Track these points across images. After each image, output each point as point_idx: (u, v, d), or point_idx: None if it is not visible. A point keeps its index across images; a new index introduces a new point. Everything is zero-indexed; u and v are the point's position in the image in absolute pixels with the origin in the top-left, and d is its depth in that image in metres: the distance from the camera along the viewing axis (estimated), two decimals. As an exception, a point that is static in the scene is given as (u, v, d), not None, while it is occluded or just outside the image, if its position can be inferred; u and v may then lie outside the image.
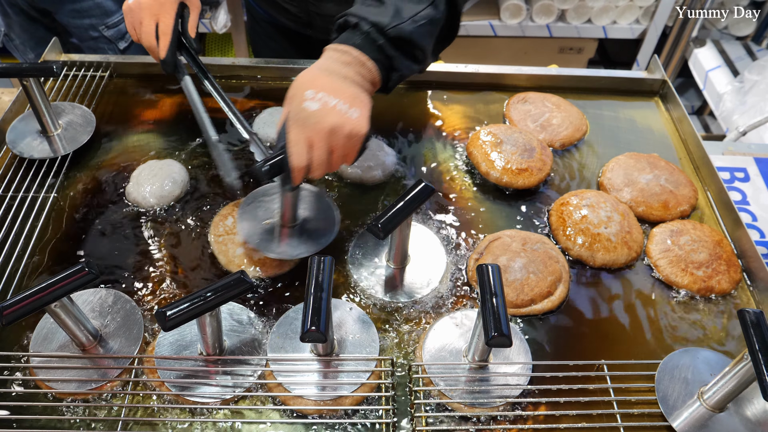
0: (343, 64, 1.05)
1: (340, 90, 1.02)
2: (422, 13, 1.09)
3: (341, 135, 1.00)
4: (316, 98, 1.00)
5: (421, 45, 1.10)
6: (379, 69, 1.07)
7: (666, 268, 1.21)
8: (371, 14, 1.07)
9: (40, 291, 0.91)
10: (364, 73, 1.06)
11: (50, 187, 1.31)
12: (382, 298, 1.15)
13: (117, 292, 1.13)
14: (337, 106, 1.00)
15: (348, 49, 1.05)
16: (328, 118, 0.99)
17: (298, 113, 1.01)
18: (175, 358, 1.04)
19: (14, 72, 1.27)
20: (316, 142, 1.00)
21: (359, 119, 1.02)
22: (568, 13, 3.13)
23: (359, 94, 1.04)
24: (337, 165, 1.05)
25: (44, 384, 1.01)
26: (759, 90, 2.53)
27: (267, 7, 1.72)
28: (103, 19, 1.97)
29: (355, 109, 1.01)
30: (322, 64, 1.05)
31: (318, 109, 0.99)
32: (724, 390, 0.96)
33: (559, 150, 1.48)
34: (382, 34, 1.06)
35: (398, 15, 1.07)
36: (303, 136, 1.00)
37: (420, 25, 1.08)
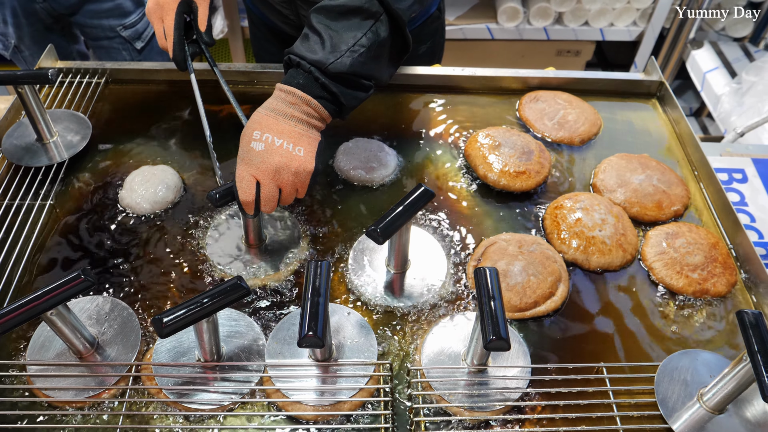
0: (288, 105, 1.10)
1: (285, 131, 1.09)
2: (361, 41, 1.10)
3: (288, 173, 1.08)
4: (262, 139, 1.08)
5: (365, 73, 1.13)
6: (326, 105, 1.11)
7: (661, 271, 1.21)
8: (310, 53, 1.10)
9: (35, 299, 0.90)
10: (310, 112, 1.11)
11: (46, 195, 1.31)
12: (382, 302, 1.15)
13: (114, 299, 1.12)
14: (283, 146, 1.08)
15: (292, 89, 1.09)
16: (274, 158, 1.07)
17: (245, 153, 1.08)
18: (173, 365, 1.03)
19: (9, 79, 1.27)
20: (262, 180, 1.08)
21: (305, 157, 1.10)
22: (565, 15, 3.13)
23: (305, 132, 1.11)
24: (290, 199, 1.13)
25: (41, 392, 1.00)
26: (757, 91, 2.52)
27: (263, 9, 1.72)
28: (121, 20, 1.99)
29: (300, 148, 1.09)
30: (270, 104, 1.11)
31: (263, 150, 1.07)
32: (723, 391, 0.95)
33: (579, 146, 1.49)
34: (323, 72, 1.09)
35: (335, 49, 1.09)
36: (248, 173, 1.08)
37: (360, 54, 1.10)
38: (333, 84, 1.10)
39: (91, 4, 1.92)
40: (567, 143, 1.49)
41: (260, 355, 1.06)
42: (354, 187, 1.37)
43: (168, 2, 1.33)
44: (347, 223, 1.29)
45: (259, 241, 1.23)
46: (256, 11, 1.78)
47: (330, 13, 1.12)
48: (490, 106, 1.59)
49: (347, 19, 1.11)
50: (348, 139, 1.44)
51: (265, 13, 1.73)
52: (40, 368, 1.03)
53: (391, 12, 1.12)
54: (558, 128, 1.50)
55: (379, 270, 1.20)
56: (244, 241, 1.24)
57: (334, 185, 1.37)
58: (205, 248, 1.23)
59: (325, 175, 1.39)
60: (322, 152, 1.14)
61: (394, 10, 1.12)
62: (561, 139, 1.48)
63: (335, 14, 1.11)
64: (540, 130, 1.50)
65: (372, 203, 1.34)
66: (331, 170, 1.40)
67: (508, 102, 1.60)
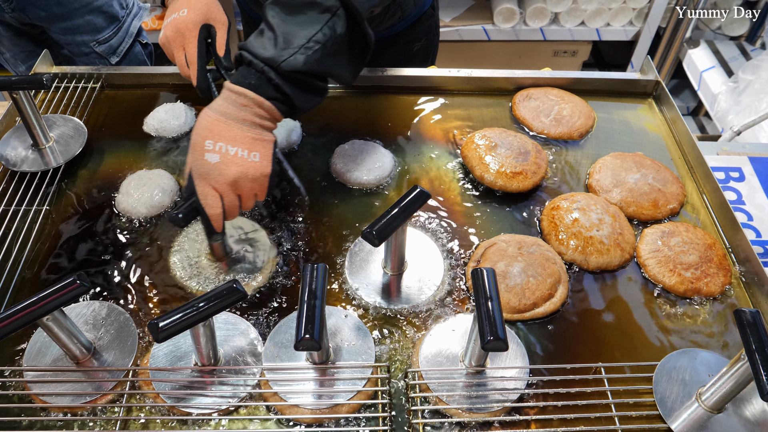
0: (239, 107, 1.06)
1: (238, 137, 1.05)
2: (316, 37, 1.05)
3: (246, 181, 1.06)
4: (216, 149, 1.04)
5: (321, 71, 1.09)
6: (279, 106, 1.08)
7: (654, 268, 1.21)
8: (262, 49, 1.05)
9: (31, 305, 0.90)
10: (263, 114, 1.07)
11: (42, 200, 1.31)
12: (378, 304, 1.15)
13: (110, 304, 1.12)
14: (238, 154, 1.05)
15: (244, 91, 1.05)
16: (231, 169, 1.04)
17: (200, 167, 1.05)
18: (170, 370, 1.03)
19: (4, 85, 1.26)
20: (223, 192, 1.06)
21: (261, 161, 1.07)
22: (561, 16, 3.14)
23: (259, 135, 1.07)
24: (250, 205, 1.11)
25: (38, 398, 1.00)
26: (753, 89, 2.53)
27: (258, 11, 1.73)
28: (94, 36, 1.96)
29: (255, 153, 1.06)
30: (219, 107, 1.07)
31: (219, 162, 1.04)
32: (722, 391, 0.95)
33: (577, 141, 1.49)
34: (276, 71, 1.05)
35: (288, 45, 1.04)
36: (210, 189, 1.05)
37: (314, 51, 1.05)
38: (287, 85, 1.06)
39: (62, 22, 1.91)
40: (566, 138, 1.49)
41: (257, 358, 1.05)
42: (350, 189, 1.37)
43: (189, 29, 1.28)
44: (344, 225, 1.29)
45: (225, 254, 1.21)
46: (251, 13, 1.79)
47: (285, 7, 1.07)
48: (487, 107, 1.59)
49: (302, 13, 1.06)
50: (344, 141, 1.44)
51: (259, 14, 1.73)
52: (37, 374, 1.02)
53: (349, 6, 1.07)
54: (556, 124, 1.50)
55: (376, 272, 1.20)
56: (208, 256, 1.21)
57: (331, 187, 1.37)
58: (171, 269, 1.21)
59: (322, 178, 1.39)
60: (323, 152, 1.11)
61: (351, 4, 1.06)
62: (560, 135, 1.48)
63: (289, 8, 1.07)
64: (538, 128, 1.50)
65: (369, 205, 1.33)
66: (328, 172, 1.40)
67: (504, 103, 1.60)
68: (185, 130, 1.47)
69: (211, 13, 1.30)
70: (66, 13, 1.87)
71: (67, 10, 1.87)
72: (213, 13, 1.31)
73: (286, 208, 1.31)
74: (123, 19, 1.99)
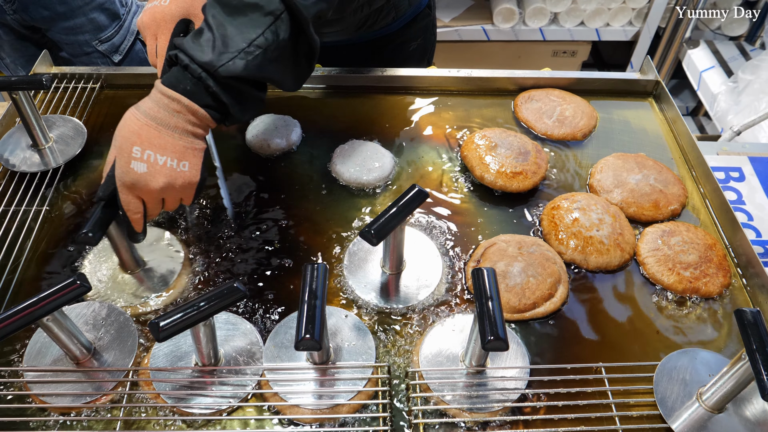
0: (172, 113, 1.01)
1: (168, 145, 1.01)
2: (257, 41, 0.99)
3: (173, 190, 1.04)
4: (143, 158, 0.99)
5: (261, 76, 1.04)
6: (213, 114, 1.03)
7: (653, 267, 1.21)
8: (199, 52, 0.99)
9: (31, 305, 0.90)
10: (196, 121, 1.03)
11: (42, 201, 1.31)
12: (378, 304, 1.14)
13: (110, 304, 1.12)
14: (167, 164, 1.01)
15: (178, 96, 1.00)
16: (158, 179, 1.01)
17: (125, 174, 1.00)
18: (170, 370, 1.03)
19: (3, 85, 1.26)
20: (148, 200, 1.03)
21: (190, 170, 1.04)
22: (560, 16, 3.14)
23: (190, 144, 1.04)
24: (174, 207, 1.09)
25: (39, 399, 1.00)
26: (753, 89, 2.53)
27: None
28: (96, 35, 1.96)
29: (184, 163, 1.03)
30: (150, 110, 1.01)
31: (146, 172, 1.00)
32: (722, 390, 0.95)
33: (581, 141, 1.49)
34: (213, 77, 0.99)
35: (227, 49, 0.98)
36: (133, 197, 1.03)
37: (255, 56, 1.00)
38: (224, 94, 1.01)
39: (64, 21, 1.90)
40: (570, 139, 1.49)
41: (258, 358, 1.05)
42: (350, 189, 1.37)
43: (165, 20, 1.22)
44: (344, 225, 1.29)
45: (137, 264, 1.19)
46: None
47: (225, 7, 1.00)
48: (486, 107, 1.58)
49: (243, 14, 1.00)
50: (344, 141, 1.44)
51: None
52: (37, 375, 1.02)
53: (293, 10, 1.01)
54: (559, 125, 1.50)
55: (375, 272, 1.19)
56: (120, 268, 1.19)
57: (331, 188, 1.37)
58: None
59: (322, 178, 1.39)
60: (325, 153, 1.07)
61: (296, 7, 1.01)
62: (564, 136, 1.48)
63: (230, 8, 1.00)
64: (541, 129, 1.50)
65: (368, 205, 1.33)
66: (328, 173, 1.40)
67: (504, 103, 1.60)
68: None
69: (193, 9, 1.23)
70: (69, 12, 1.87)
71: (70, 8, 1.87)
72: (195, 9, 1.24)
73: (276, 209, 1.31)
74: (124, 17, 1.99)
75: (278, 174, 1.39)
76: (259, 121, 1.47)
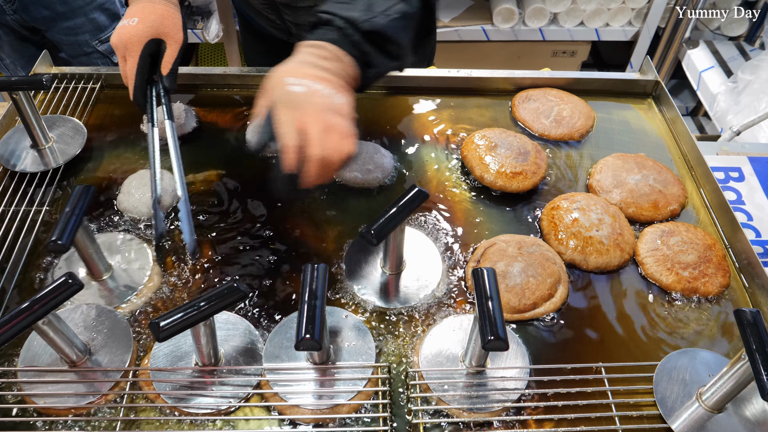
0: (320, 58, 1.04)
1: (322, 77, 1.02)
2: (395, 8, 1.08)
3: (332, 114, 1.00)
4: (301, 83, 1.01)
5: (396, 39, 1.10)
6: (356, 65, 1.07)
7: (651, 266, 1.21)
8: (343, 10, 1.06)
9: (26, 309, 0.89)
10: (343, 68, 1.06)
11: (42, 201, 1.31)
12: (378, 304, 1.15)
13: (98, 305, 1.12)
14: (322, 91, 1.01)
15: (324, 44, 1.04)
16: (316, 98, 1.00)
17: (284, 97, 1.00)
18: (170, 370, 1.03)
19: (3, 85, 1.26)
20: (308, 120, 0.98)
21: (346, 103, 1.03)
22: (560, 16, 3.13)
23: (342, 84, 1.05)
24: (336, 149, 1.00)
25: (33, 401, 1.00)
26: (753, 89, 2.53)
27: (252, 14, 1.73)
28: (96, 35, 1.96)
29: (339, 95, 1.03)
30: (299, 59, 1.05)
31: (305, 92, 1.00)
32: (722, 390, 0.95)
33: (578, 141, 1.49)
34: (356, 29, 1.05)
35: (370, 9, 1.06)
36: (292, 117, 0.99)
37: (393, 18, 1.08)
38: (365, 43, 1.06)
39: (64, 21, 1.90)
40: (567, 139, 1.49)
41: (258, 358, 1.05)
42: (350, 189, 1.37)
43: (132, 42, 1.23)
44: (344, 225, 1.29)
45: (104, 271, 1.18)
46: (246, 16, 1.79)
47: None
48: (486, 107, 1.59)
49: None
50: (344, 141, 1.44)
51: (253, 17, 1.74)
52: (35, 380, 1.01)
53: None
54: (556, 125, 1.50)
55: (375, 272, 1.20)
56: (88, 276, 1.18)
57: (331, 187, 1.37)
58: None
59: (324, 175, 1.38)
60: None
61: None
62: (561, 136, 1.48)
63: None
64: (538, 129, 1.50)
65: (368, 205, 1.33)
66: (328, 173, 1.40)
67: (503, 103, 1.60)
68: (185, 131, 1.47)
69: (164, 28, 1.25)
70: (69, 12, 1.88)
71: (70, 8, 1.87)
72: (166, 28, 1.25)
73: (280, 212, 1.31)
74: None
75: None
76: (259, 121, 1.47)
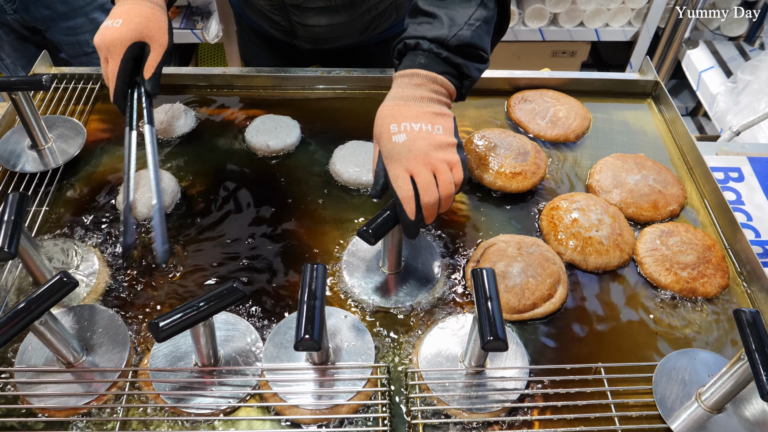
0: (415, 87, 1.07)
1: (419, 114, 1.05)
2: (475, 15, 1.10)
3: (436, 153, 1.03)
4: (401, 129, 1.03)
5: (482, 46, 1.12)
6: (451, 80, 1.09)
7: (650, 266, 1.21)
8: (428, 31, 1.08)
9: (23, 310, 0.89)
10: (438, 89, 1.08)
11: (41, 201, 1.31)
12: (377, 304, 1.14)
13: (92, 305, 1.12)
14: (422, 129, 1.03)
15: (415, 71, 1.07)
16: (419, 143, 1.02)
17: (390, 150, 1.03)
18: (170, 370, 1.03)
19: (3, 86, 1.26)
20: (415, 169, 1.02)
21: (445, 133, 1.05)
22: (560, 16, 3.13)
23: (438, 110, 1.07)
24: (448, 185, 1.03)
25: (29, 401, 1.00)
26: (752, 90, 2.53)
27: (254, 17, 1.72)
28: None
29: (438, 126, 1.05)
30: (395, 94, 1.08)
31: (407, 140, 1.02)
32: (721, 391, 0.95)
33: (574, 142, 1.49)
34: (444, 46, 1.08)
35: (454, 24, 1.08)
36: (401, 170, 1.02)
37: (476, 27, 1.10)
38: (455, 57, 1.09)
39: (65, 21, 1.90)
40: (563, 140, 1.49)
41: (257, 359, 1.05)
42: (350, 190, 1.37)
43: (115, 45, 1.20)
44: (343, 225, 1.29)
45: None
46: (245, 17, 1.78)
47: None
48: (485, 107, 1.59)
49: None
50: (343, 141, 1.44)
51: (254, 18, 1.73)
52: (33, 382, 1.01)
53: None
54: (552, 126, 1.50)
55: (374, 271, 1.19)
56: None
57: (330, 188, 1.37)
58: None
59: (321, 178, 1.39)
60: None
61: None
62: (557, 137, 1.48)
63: None
64: (534, 130, 1.50)
65: (368, 206, 1.33)
66: (327, 173, 1.40)
67: (502, 104, 1.60)
68: (185, 131, 1.47)
69: (148, 31, 1.23)
70: (70, 11, 1.88)
71: (71, 8, 1.87)
72: (150, 31, 1.23)
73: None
74: None
75: (278, 174, 1.39)
76: (258, 122, 1.47)
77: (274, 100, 1.58)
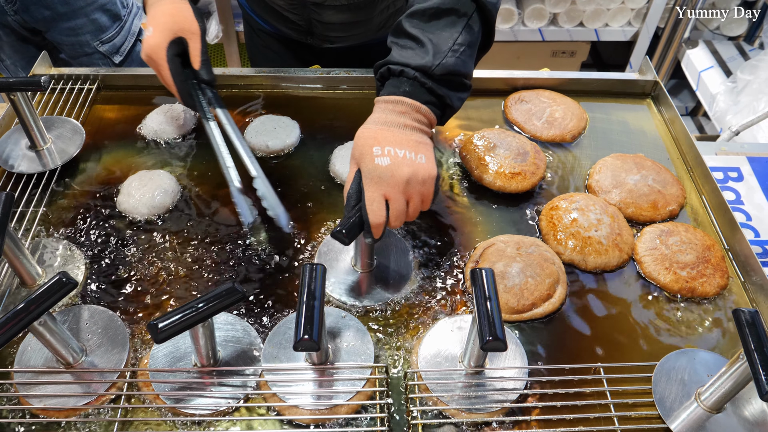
0: (398, 114, 1.07)
1: (403, 140, 1.05)
2: (459, 40, 1.09)
3: (416, 182, 1.04)
4: (385, 153, 1.03)
5: (466, 72, 1.12)
6: (433, 110, 1.10)
7: (650, 265, 1.21)
8: (412, 59, 1.08)
9: (23, 310, 0.89)
10: (420, 118, 1.08)
11: (39, 202, 1.31)
12: (350, 302, 1.15)
13: (90, 306, 1.12)
14: (406, 156, 1.04)
15: (400, 98, 1.07)
16: (402, 169, 1.03)
17: (372, 171, 1.03)
18: (169, 371, 1.03)
19: (2, 86, 1.26)
20: (392, 195, 1.03)
21: (428, 162, 1.06)
22: (559, 16, 3.14)
23: (421, 139, 1.08)
24: (415, 214, 1.08)
25: (29, 402, 0.99)
26: (752, 89, 2.53)
27: (267, 17, 1.72)
28: (97, 35, 1.96)
29: (421, 155, 1.06)
30: (378, 118, 1.08)
31: (390, 164, 1.02)
32: (721, 391, 0.95)
33: (570, 143, 1.49)
34: (429, 76, 1.08)
35: (438, 51, 1.08)
36: (379, 193, 1.03)
37: (461, 53, 1.09)
38: (439, 87, 1.09)
39: (65, 21, 1.90)
40: (559, 141, 1.49)
41: (257, 359, 1.05)
42: (342, 188, 1.36)
43: (155, 53, 1.25)
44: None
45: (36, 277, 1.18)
46: (256, 18, 1.78)
47: (423, 17, 1.11)
48: (484, 107, 1.58)
49: (440, 19, 1.11)
50: (343, 141, 1.44)
51: (267, 20, 1.73)
52: (32, 383, 1.01)
53: (483, 7, 1.12)
54: (548, 127, 1.50)
55: (346, 270, 1.20)
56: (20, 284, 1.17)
57: (330, 188, 1.37)
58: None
59: (321, 179, 1.39)
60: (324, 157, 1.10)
61: (486, 6, 1.12)
62: (553, 138, 1.48)
63: (428, 17, 1.11)
64: (530, 131, 1.50)
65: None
66: (327, 173, 1.40)
67: (501, 104, 1.59)
68: (183, 132, 1.47)
69: (177, 25, 1.26)
70: (70, 12, 1.87)
71: (71, 8, 1.87)
72: (180, 24, 1.26)
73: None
74: (125, 18, 1.99)
75: (277, 174, 1.39)
76: (258, 122, 1.47)
77: (274, 99, 1.58)
